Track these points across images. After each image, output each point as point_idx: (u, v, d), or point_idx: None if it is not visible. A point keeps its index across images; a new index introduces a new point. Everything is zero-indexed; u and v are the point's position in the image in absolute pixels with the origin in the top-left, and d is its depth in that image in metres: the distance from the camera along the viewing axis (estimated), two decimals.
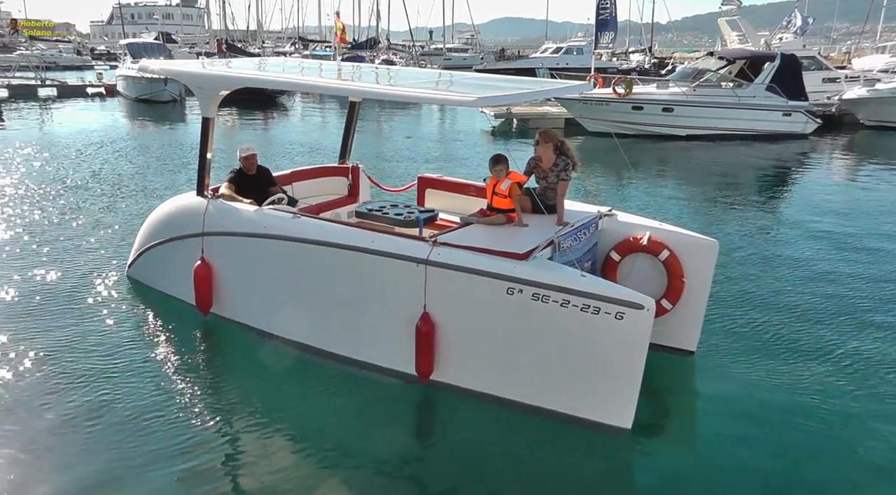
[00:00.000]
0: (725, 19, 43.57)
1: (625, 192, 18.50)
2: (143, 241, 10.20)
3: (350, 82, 9.25)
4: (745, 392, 7.79)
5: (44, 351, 8.35)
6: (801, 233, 14.44)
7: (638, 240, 8.22)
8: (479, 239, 7.40)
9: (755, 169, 23.51)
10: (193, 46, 74.71)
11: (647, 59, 63.41)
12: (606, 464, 6.68)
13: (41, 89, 43.42)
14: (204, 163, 9.24)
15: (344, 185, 11.20)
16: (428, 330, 7.25)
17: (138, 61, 31.59)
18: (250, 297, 8.79)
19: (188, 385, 7.71)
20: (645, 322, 6.39)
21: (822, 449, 6.79)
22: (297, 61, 14.43)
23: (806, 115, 29.60)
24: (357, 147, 21.65)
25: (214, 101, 9.13)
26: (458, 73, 11.37)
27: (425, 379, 7.48)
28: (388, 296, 7.60)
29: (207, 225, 8.88)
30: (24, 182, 17.79)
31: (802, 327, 9.50)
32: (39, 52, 62.37)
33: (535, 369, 7.02)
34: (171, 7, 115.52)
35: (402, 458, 6.59)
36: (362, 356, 7.94)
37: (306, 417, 7.22)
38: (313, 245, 7.91)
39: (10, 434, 6.71)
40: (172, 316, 9.37)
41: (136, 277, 10.42)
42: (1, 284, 10.35)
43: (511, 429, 7.01)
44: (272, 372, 8.07)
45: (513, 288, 6.76)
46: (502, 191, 7.90)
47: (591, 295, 6.49)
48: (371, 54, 61.91)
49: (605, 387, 6.76)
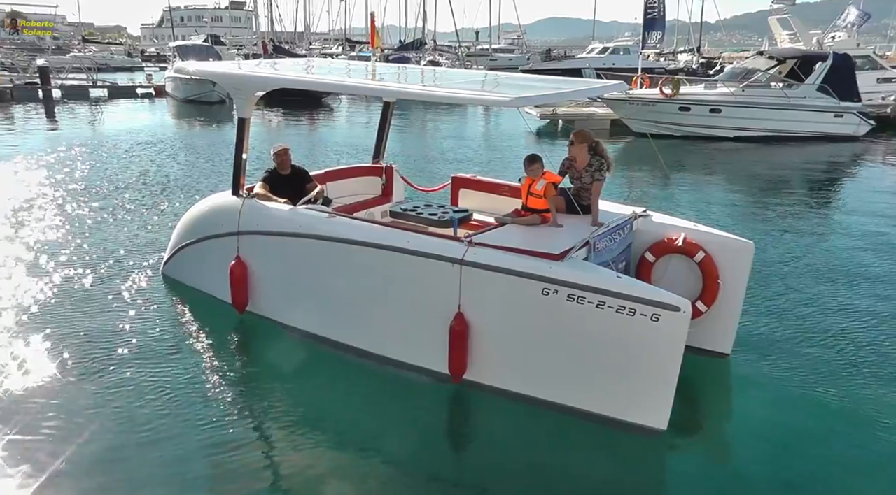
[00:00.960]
0: (776, 17, 42.81)
1: (668, 194, 18.23)
2: (178, 240, 10.32)
3: (383, 83, 9.27)
4: (780, 397, 7.68)
5: (80, 342, 8.54)
6: (848, 239, 14.09)
7: (673, 241, 8.14)
8: (515, 239, 7.38)
9: (804, 172, 23.00)
10: (241, 48, 75.68)
11: (695, 59, 62.63)
12: (639, 466, 6.64)
13: (93, 90, 44.33)
14: (239, 162, 9.34)
15: (378, 185, 11.23)
16: (462, 329, 7.25)
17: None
18: (286, 296, 8.86)
19: (222, 381, 7.81)
20: (681, 324, 6.33)
21: (859, 458, 6.63)
22: (343, 63, 14.48)
23: (858, 116, 28.88)
24: (398, 147, 21.59)
25: (250, 102, 9.26)
26: (502, 74, 11.32)
27: (458, 378, 7.48)
28: (422, 296, 7.60)
29: (243, 224, 8.98)
30: (74, 180, 18.12)
31: (842, 333, 9.30)
32: (92, 54, 63.65)
33: (569, 370, 6.98)
34: (219, 10, 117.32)
35: (434, 457, 6.62)
36: (396, 355, 7.96)
37: (338, 414, 7.27)
38: (347, 244, 7.94)
39: (43, 427, 6.79)
40: (208, 313, 9.50)
41: (172, 275, 10.54)
42: (43, 279, 10.58)
43: (543, 430, 6.98)
44: (305, 370, 8.16)
45: (548, 288, 6.73)
46: (537, 191, 7.86)
47: (627, 296, 6.44)
48: (417, 55, 62.07)
49: (640, 389, 6.70)
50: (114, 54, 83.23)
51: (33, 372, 7.81)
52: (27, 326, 8.95)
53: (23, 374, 7.76)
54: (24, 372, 7.82)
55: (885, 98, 32.99)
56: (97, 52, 75.59)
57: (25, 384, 7.55)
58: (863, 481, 6.33)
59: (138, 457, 6.40)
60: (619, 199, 10.06)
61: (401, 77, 10.35)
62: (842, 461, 6.57)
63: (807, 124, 28.42)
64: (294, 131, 32.04)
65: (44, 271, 10.98)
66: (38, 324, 9.00)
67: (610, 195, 8.28)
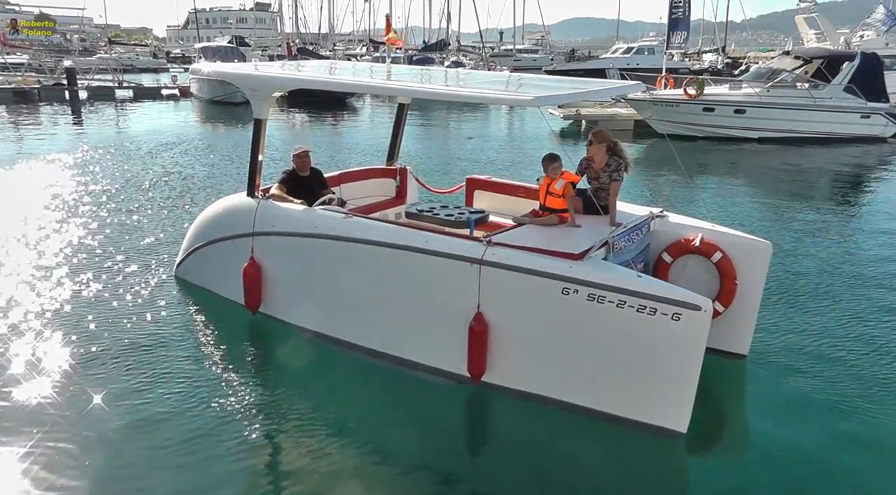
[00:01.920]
0: (803, 16, 42.43)
1: (691, 195, 18.10)
2: (191, 241, 10.31)
3: (403, 82, 9.26)
4: (797, 398, 7.63)
5: (93, 343, 8.56)
6: (872, 243, 13.89)
7: (690, 241, 8.10)
8: (534, 239, 7.34)
9: (830, 173, 22.72)
10: (266, 49, 76.20)
11: (720, 59, 62.27)
12: (658, 468, 6.61)
13: (118, 91, 44.80)
14: (255, 163, 9.33)
15: (392, 187, 11.22)
16: (481, 330, 7.19)
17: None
18: (300, 297, 8.83)
19: (235, 382, 7.80)
20: (702, 323, 6.28)
21: (878, 460, 6.56)
22: (366, 64, 14.53)
23: (886, 117, 28.50)
24: (418, 147, 21.55)
25: (267, 103, 9.23)
26: (524, 75, 11.32)
27: (477, 380, 7.42)
28: (440, 296, 7.56)
29: (258, 225, 8.95)
30: (95, 181, 18.26)
31: (861, 337, 9.20)
32: (117, 56, 64.30)
33: (589, 370, 6.94)
34: (244, 11, 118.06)
35: (451, 459, 6.60)
36: (413, 356, 7.91)
37: (353, 416, 7.22)
38: (365, 245, 7.91)
39: (54, 427, 6.81)
40: (220, 314, 9.51)
41: (185, 277, 10.54)
42: (58, 279, 10.65)
43: (561, 431, 6.96)
44: (319, 371, 8.13)
45: (568, 288, 6.69)
46: (556, 190, 7.81)
47: (648, 295, 6.41)
48: (441, 56, 62.20)
49: (660, 390, 6.66)
50: (139, 55, 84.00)
51: (45, 372, 7.83)
52: (38, 327, 8.96)
53: (34, 375, 7.77)
54: (35, 372, 7.83)
55: None
56: (123, 53, 76.52)
57: (37, 385, 7.56)
58: (882, 484, 6.27)
59: (150, 459, 6.41)
60: (640, 200, 9.99)
61: (421, 77, 10.36)
62: (857, 466, 6.48)
63: (833, 125, 28.10)
64: (318, 132, 32.17)
65: (59, 271, 11.02)
66: (52, 325, 9.04)
67: (632, 196, 8.24)
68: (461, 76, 11.43)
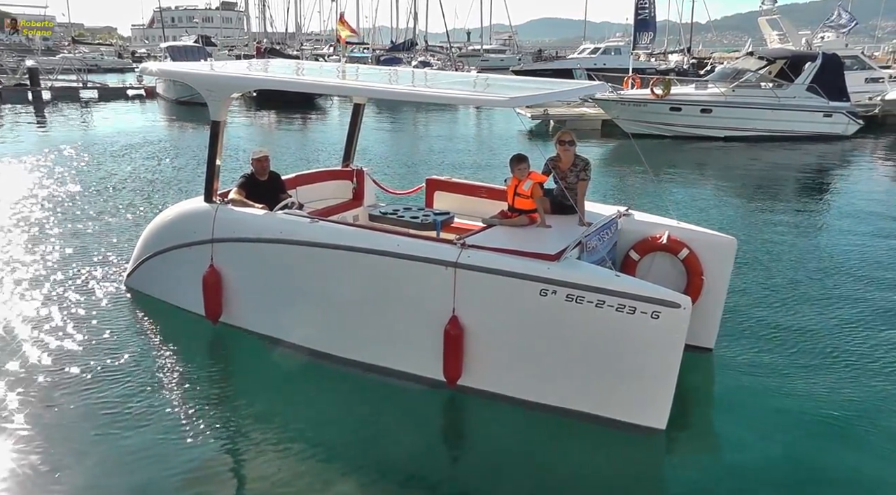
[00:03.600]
0: (766, 18, 42.90)
1: (658, 193, 18.20)
2: (144, 250, 9.87)
3: (372, 83, 9.11)
4: (763, 388, 7.82)
5: (45, 359, 8.14)
6: (835, 236, 14.28)
7: (657, 239, 8.23)
8: (507, 240, 7.34)
9: (794, 171, 23.10)
10: (232, 49, 75.63)
11: (686, 60, 62.83)
12: (635, 465, 6.70)
13: (83, 91, 44.24)
14: (213, 167, 9.03)
15: (348, 189, 11.02)
16: (457, 333, 7.13)
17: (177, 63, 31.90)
18: (264, 305, 8.57)
19: (200, 397, 7.51)
20: (681, 320, 6.36)
21: (842, 447, 6.76)
22: (334, 65, 14.46)
23: (847, 116, 29.02)
24: (384, 148, 21.35)
25: (225, 104, 8.96)
26: (492, 75, 11.34)
27: (453, 384, 7.36)
28: (414, 301, 7.47)
29: (217, 231, 8.68)
30: (57, 184, 17.81)
31: (825, 324, 9.51)
32: (82, 55, 63.44)
33: (567, 371, 6.96)
34: (210, 11, 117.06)
35: (430, 465, 6.57)
36: (386, 362, 7.81)
37: (326, 426, 7.08)
38: (333, 249, 7.77)
39: (7, 451, 6.44)
40: (178, 326, 9.12)
41: (136, 287, 10.09)
42: (7, 286, 10.25)
43: (540, 432, 7.00)
44: (287, 382, 7.93)
45: (546, 289, 6.70)
46: (524, 191, 7.82)
47: (627, 294, 6.46)
48: (408, 56, 62.12)
49: (640, 388, 6.72)
50: (104, 55, 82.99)
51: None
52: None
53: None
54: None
55: (873, 98, 33.14)
56: (87, 53, 75.39)
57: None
58: (857, 462, 6.47)
59: (106, 488, 6.09)
60: (608, 199, 10.07)
61: (390, 78, 10.32)
62: (825, 453, 6.66)
63: (796, 124, 28.55)
64: (285, 132, 32.01)
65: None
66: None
67: (599, 195, 8.31)
68: (429, 76, 11.38)
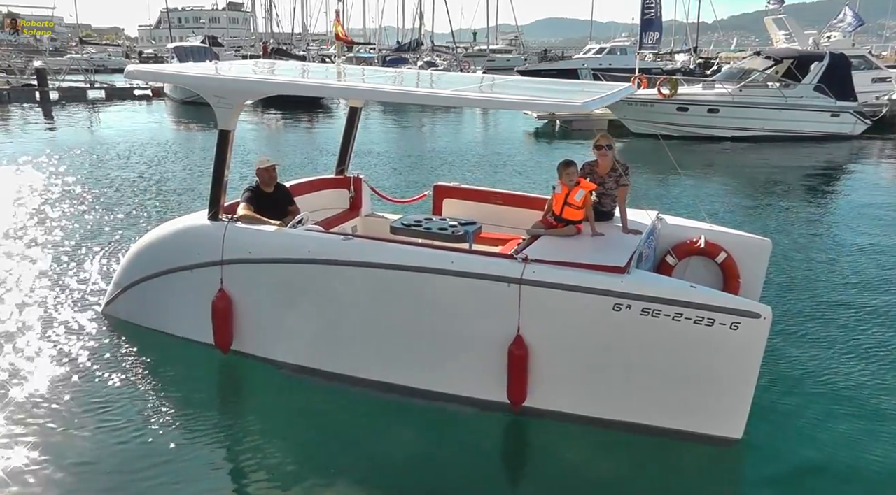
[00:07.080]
0: (772, 18, 42.77)
1: (672, 194, 18.26)
2: (131, 273, 8.93)
3: (406, 88, 8.64)
4: (804, 383, 7.92)
5: (41, 381, 7.59)
6: (847, 236, 14.25)
7: (695, 242, 8.21)
8: (569, 253, 6.98)
9: (802, 171, 23.05)
10: (239, 49, 75.66)
11: (693, 60, 62.63)
12: (712, 477, 6.62)
13: (90, 92, 44.40)
14: (220, 182, 8.20)
15: (345, 198, 10.36)
16: (522, 353, 6.73)
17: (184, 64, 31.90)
18: (287, 330, 7.91)
19: (220, 436, 6.86)
20: (762, 330, 6.23)
21: (879, 449, 6.73)
22: (342, 67, 14.31)
23: (855, 115, 28.98)
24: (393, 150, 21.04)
25: (236, 112, 8.20)
26: (499, 76, 11.18)
27: (518, 405, 6.93)
28: (472, 321, 6.99)
29: (228, 251, 7.87)
30: (61, 187, 17.60)
31: (853, 324, 9.58)
32: (89, 56, 63.58)
33: (641, 385, 6.72)
34: (217, 11, 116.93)
35: (495, 489, 6.36)
36: (437, 386, 7.30)
37: (374, 458, 6.55)
38: (374, 268, 7.20)
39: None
40: (185, 357, 8.27)
41: (119, 316, 9.12)
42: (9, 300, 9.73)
43: (610, 450, 6.76)
44: (318, 412, 7.33)
45: (620, 303, 6.42)
46: (576, 202, 7.46)
47: (706, 306, 6.28)
48: (414, 56, 62.11)
49: (717, 398, 6.56)
50: (111, 55, 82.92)
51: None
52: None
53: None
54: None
55: (879, 97, 33.03)
56: (94, 53, 75.46)
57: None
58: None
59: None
60: None
61: (396, 80, 10.05)
62: (869, 455, 6.65)
63: (804, 124, 28.51)
64: (293, 133, 32.03)
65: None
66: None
67: None
68: (439, 78, 10.88)
